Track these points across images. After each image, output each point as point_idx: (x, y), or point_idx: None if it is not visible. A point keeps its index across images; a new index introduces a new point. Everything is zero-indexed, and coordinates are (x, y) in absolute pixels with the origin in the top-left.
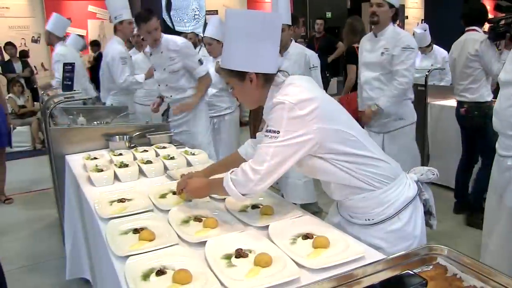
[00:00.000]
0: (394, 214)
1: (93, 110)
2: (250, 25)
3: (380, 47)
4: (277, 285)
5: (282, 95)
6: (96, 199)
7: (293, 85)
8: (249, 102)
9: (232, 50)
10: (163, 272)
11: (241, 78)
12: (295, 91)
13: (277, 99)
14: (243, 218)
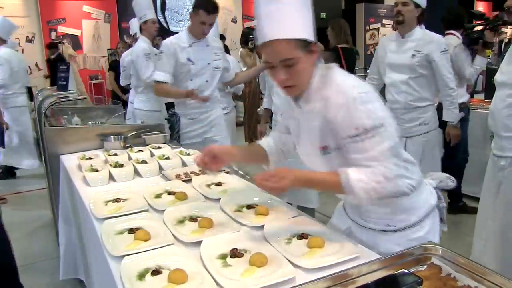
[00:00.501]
0: (418, 222)
1: (88, 110)
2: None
3: (410, 49)
4: (272, 285)
5: (353, 87)
6: (91, 199)
7: (344, 74)
8: (305, 83)
9: (294, 15)
10: (158, 272)
11: (308, 50)
12: (354, 81)
13: (352, 95)
14: (238, 218)
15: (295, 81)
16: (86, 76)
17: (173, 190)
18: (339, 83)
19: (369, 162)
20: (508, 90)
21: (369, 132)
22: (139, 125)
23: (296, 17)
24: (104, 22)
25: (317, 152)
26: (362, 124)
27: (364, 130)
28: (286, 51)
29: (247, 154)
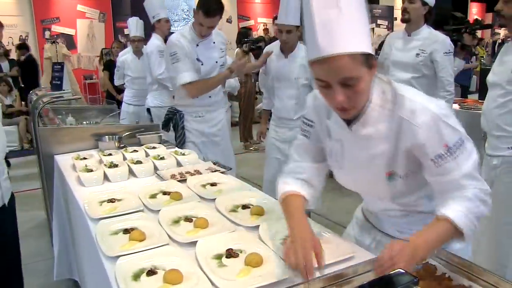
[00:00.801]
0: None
1: (82, 110)
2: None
3: (415, 48)
4: (268, 285)
5: (428, 105)
6: (86, 199)
7: (407, 88)
8: (364, 102)
9: (356, 24)
10: (154, 272)
11: (370, 65)
12: (425, 96)
13: (433, 111)
14: (233, 218)
15: (355, 103)
16: (81, 76)
17: (168, 190)
18: (412, 101)
19: (464, 181)
20: (499, 90)
21: (458, 148)
22: (134, 125)
23: (358, 26)
24: (99, 22)
25: (380, 178)
26: (451, 140)
27: (453, 147)
28: (349, 69)
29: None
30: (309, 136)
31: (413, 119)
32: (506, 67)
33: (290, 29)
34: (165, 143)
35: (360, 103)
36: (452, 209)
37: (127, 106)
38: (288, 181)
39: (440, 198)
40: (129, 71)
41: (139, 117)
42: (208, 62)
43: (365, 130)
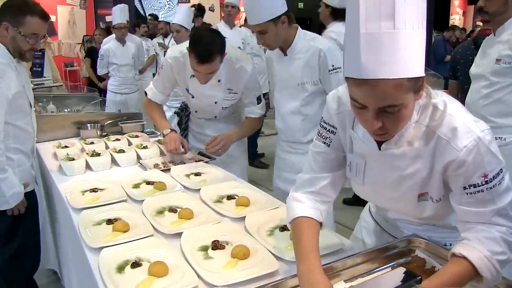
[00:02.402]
0: None
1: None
2: None
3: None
4: (255, 278)
5: (472, 125)
6: (68, 189)
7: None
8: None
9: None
10: (138, 264)
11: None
12: (468, 113)
13: (477, 134)
14: (219, 209)
15: (395, 129)
16: (61, 63)
17: (151, 180)
18: (454, 118)
19: (495, 218)
20: (483, 82)
21: (497, 179)
22: (116, 113)
23: (414, 45)
24: (80, 9)
25: (412, 198)
26: (492, 170)
27: (492, 178)
28: (394, 97)
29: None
30: (330, 143)
31: (454, 140)
32: (489, 59)
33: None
34: (147, 132)
35: (399, 129)
36: (474, 249)
37: (113, 95)
38: (301, 198)
39: (463, 226)
40: (114, 59)
41: (125, 106)
42: (203, 99)
43: (398, 150)
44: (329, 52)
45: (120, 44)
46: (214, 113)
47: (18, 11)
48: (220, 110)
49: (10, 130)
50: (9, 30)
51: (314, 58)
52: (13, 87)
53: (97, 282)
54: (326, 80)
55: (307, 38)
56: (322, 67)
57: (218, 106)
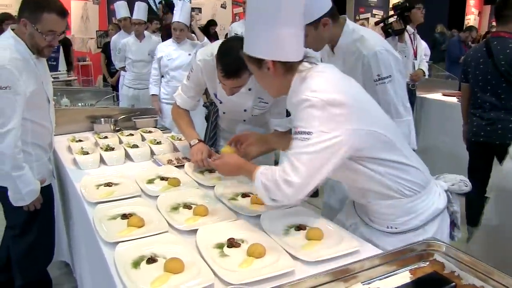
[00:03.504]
0: (421, 226)
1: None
2: (269, 7)
3: None
4: (271, 277)
5: (311, 91)
6: (83, 183)
7: (320, 77)
8: (271, 91)
9: (251, 34)
10: (154, 260)
11: (259, 65)
12: (324, 86)
13: (305, 96)
14: (234, 207)
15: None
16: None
17: (165, 176)
18: (308, 86)
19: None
20: None
21: (300, 134)
22: (130, 108)
23: (252, 33)
24: (93, 4)
25: None
26: (301, 125)
27: (299, 131)
28: (246, 61)
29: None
30: None
31: None
32: None
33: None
34: (161, 128)
35: (264, 88)
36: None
37: (127, 89)
38: None
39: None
40: (130, 54)
41: (138, 101)
42: (232, 106)
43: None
44: (374, 59)
45: (137, 40)
46: (242, 118)
47: (36, 7)
48: (249, 117)
49: (28, 125)
50: (27, 27)
51: (358, 65)
52: (31, 84)
53: (113, 277)
54: (372, 92)
55: (354, 37)
56: (366, 76)
57: (247, 113)
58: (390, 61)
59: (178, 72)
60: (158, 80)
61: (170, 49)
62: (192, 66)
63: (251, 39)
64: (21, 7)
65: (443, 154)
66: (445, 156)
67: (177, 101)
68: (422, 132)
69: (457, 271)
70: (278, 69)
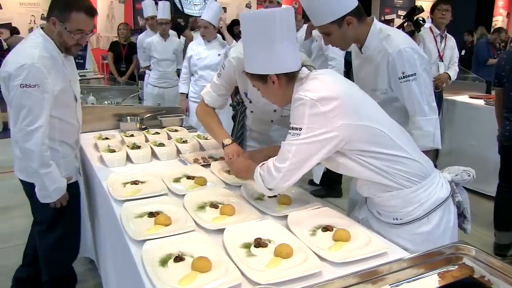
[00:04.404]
0: (424, 216)
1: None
2: (263, 28)
3: None
4: (299, 278)
5: (304, 91)
6: (109, 180)
7: (316, 79)
8: (278, 101)
9: (250, 54)
10: (181, 259)
11: (264, 81)
12: (316, 87)
13: (298, 95)
14: (260, 207)
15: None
16: (99, 56)
17: (192, 175)
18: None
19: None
20: None
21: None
22: (156, 107)
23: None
24: (119, 2)
25: None
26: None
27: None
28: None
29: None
30: None
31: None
32: None
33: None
34: (186, 126)
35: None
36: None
37: (151, 88)
38: None
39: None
40: (155, 53)
41: (162, 99)
42: (261, 106)
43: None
44: (399, 56)
45: (162, 39)
46: (271, 118)
47: (65, 6)
48: (278, 117)
49: (56, 123)
50: (56, 25)
51: (383, 63)
52: (59, 83)
53: (141, 275)
54: (397, 89)
55: (380, 37)
56: (392, 74)
57: (277, 114)
58: (415, 59)
59: (206, 72)
60: (187, 79)
61: (200, 48)
62: (224, 63)
63: (252, 59)
64: (51, 6)
65: (470, 156)
66: (471, 158)
67: (205, 99)
68: (448, 134)
69: (487, 275)
70: (282, 80)
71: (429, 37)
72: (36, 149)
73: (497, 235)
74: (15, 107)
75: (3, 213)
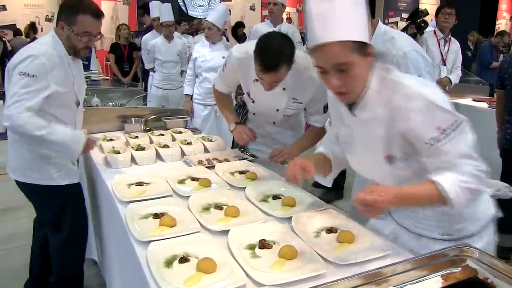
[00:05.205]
0: (477, 232)
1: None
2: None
3: None
4: (303, 279)
5: (422, 89)
6: (114, 182)
7: (404, 75)
8: (361, 89)
9: (348, 15)
10: (186, 260)
11: (363, 53)
12: (420, 81)
13: (426, 96)
14: (264, 208)
15: (350, 87)
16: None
17: (196, 176)
18: (407, 86)
19: (459, 160)
20: None
21: (454, 130)
22: (160, 109)
23: (350, 17)
24: (123, 4)
25: (381, 161)
26: (445, 122)
27: (448, 128)
28: (340, 55)
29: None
30: (331, 122)
31: (406, 103)
32: None
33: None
34: (191, 128)
35: (355, 88)
36: (441, 175)
37: (156, 89)
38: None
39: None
40: (159, 55)
41: (167, 101)
42: (264, 106)
43: (364, 114)
44: (404, 59)
45: (166, 41)
46: (273, 119)
47: (71, 9)
48: (280, 118)
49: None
50: (64, 29)
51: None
52: (59, 82)
53: (146, 275)
54: None
55: (385, 39)
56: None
57: (279, 113)
58: (419, 62)
59: (210, 74)
60: (192, 81)
61: (205, 51)
62: (226, 61)
63: (351, 22)
64: (59, 12)
65: None
66: None
67: (216, 85)
68: None
69: (491, 277)
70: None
71: (432, 40)
72: (22, 120)
73: (501, 237)
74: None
75: (7, 214)
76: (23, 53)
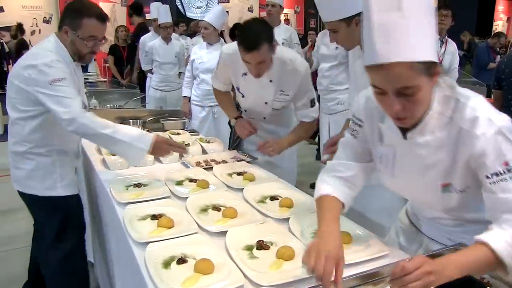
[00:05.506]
0: None
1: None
2: None
3: None
4: (301, 280)
5: (492, 116)
6: (112, 183)
7: (471, 94)
8: (423, 111)
9: (419, 29)
10: (184, 261)
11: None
12: (490, 106)
13: (497, 124)
14: (262, 209)
15: (413, 112)
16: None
17: (194, 178)
18: (474, 109)
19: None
20: None
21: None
22: (158, 110)
23: (422, 31)
24: (121, 6)
25: (435, 189)
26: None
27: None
28: (408, 78)
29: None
30: (357, 136)
31: (473, 128)
32: None
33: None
34: (189, 130)
35: (418, 113)
36: (495, 235)
37: (154, 91)
38: (328, 180)
39: (490, 215)
40: (157, 56)
41: (165, 103)
42: (253, 99)
43: (422, 139)
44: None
45: (164, 42)
46: (263, 114)
47: (76, 13)
48: (270, 111)
49: (56, 129)
50: (68, 34)
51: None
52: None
53: (144, 277)
54: None
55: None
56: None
57: (268, 107)
58: None
59: (208, 76)
60: (190, 83)
61: (202, 52)
62: (218, 59)
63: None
64: (62, 16)
65: None
66: None
67: (213, 84)
68: None
69: (487, 277)
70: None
71: None
72: (87, 119)
73: None
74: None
75: (6, 215)
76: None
